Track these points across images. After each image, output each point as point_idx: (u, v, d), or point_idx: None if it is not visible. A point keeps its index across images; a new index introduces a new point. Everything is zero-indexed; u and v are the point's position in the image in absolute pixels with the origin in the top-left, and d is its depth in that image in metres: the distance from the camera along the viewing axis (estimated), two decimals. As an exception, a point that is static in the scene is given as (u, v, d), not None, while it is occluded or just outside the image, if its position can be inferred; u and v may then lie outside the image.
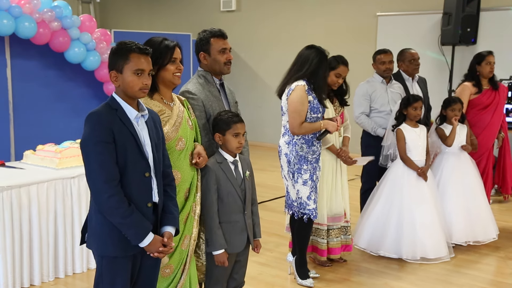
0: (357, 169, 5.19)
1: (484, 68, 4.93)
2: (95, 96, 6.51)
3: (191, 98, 3.04)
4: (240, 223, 2.97)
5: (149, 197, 2.41)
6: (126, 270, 2.40)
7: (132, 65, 2.33)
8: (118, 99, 2.37)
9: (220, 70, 3.17)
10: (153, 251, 2.37)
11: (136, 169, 2.34)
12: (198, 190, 2.91)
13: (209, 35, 3.15)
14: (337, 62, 4.03)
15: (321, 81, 3.69)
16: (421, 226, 4.32)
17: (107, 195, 2.25)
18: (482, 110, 4.96)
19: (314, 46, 3.75)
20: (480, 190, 4.78)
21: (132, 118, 2.36)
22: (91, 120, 2.29)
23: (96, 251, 2.39)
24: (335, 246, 4.18)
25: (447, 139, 4.65)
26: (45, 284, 3.86)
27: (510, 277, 4.15)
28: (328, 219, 4.11)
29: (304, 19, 9.49)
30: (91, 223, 2.39)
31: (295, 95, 3.65)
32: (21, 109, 6.04)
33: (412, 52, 5.04)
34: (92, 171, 2.27)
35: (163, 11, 11.41)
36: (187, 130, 2.81)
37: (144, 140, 2.39)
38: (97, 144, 2.25)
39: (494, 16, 7.58)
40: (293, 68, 3.76)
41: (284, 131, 3.80)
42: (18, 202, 3.66)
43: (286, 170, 3.79)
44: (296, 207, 3.79)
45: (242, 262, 3.10)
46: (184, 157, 2.78)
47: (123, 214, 2.27)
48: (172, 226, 2.50)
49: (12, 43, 5.86)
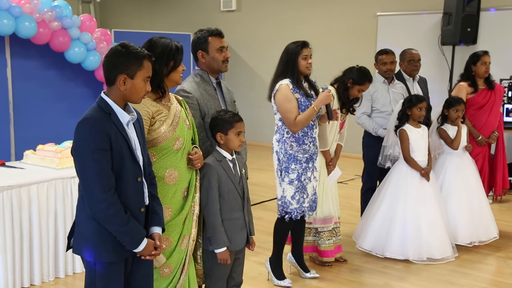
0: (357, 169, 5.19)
1: (480, 68, 4.94)
2: (95, 96, 6.45)
3: (186, 97, 3.05)
4: (240, 220, 2.99)
5: (141, 201, 2.40)
6: (120, 274, 2.38)
7: (144, 72, 2.31)
8: (111, 102, 2.29)
9: (218, 68, 3.20)
10: (146, 254, 2.37)
11: (129, 175, 2.31)
12: (197, 190, 2.91)
13: (206, 34, 3.17)
14: (365, 79, 4.03)
15: (298, 73, 3.69)
16: (426, 226, 4.31)
17: (106, 204, 2.22)
18: (478, 110, 4.98)
19: (294, 42, 3.75)
20: (481, 189, 4.80)
21: (125, 122, 2.31)
22: (87, 126, 2.21)
23: (89, 257, 2.34)
24: (328, 248, 4.17)
25: (453, 142, 4.65)
26: (45, 284, 3.86)
27: (510, 277, 4.15)
28: (319, 221, 4.10)
29: (304, 19, 9.49)
30: (81, 228, 2.34)
31: (280, 94, 3.66)
32: (21, 109, 6.04)
33: (412, 53, 5.04)
34: (89, 179, 2.21)
35: (163, 11, 11.41)
36: (184, 130, 2.82)
37: (135, 145, 2.36)
38: (95, 152, 2.19)
39: (494, 16, 7.59)
40: (277, 68, 3.79)
41: (276, 129, 3.80)
42: (18, 202, 3.66)
43: (275, 168, 3.79)
44: (280, 206, 3.78)
45: (240, 259, 3.11)
46: (181, 157, 2.78)
47: (121, 222, 2.26)
48: (159, 226, 2.50)
49: (12, 43, 5.86)
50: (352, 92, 4.05)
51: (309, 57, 3.75)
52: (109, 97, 2.31)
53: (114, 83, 2.29)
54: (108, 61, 2.31)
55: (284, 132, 3.72)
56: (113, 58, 2.29)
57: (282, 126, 3.73)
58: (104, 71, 2.33)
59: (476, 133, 4.95)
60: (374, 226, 4.45)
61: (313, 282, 3.98)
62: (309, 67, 3.75)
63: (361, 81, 4.02)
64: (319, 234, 4.15)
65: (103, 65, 2.33)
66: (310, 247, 4.20)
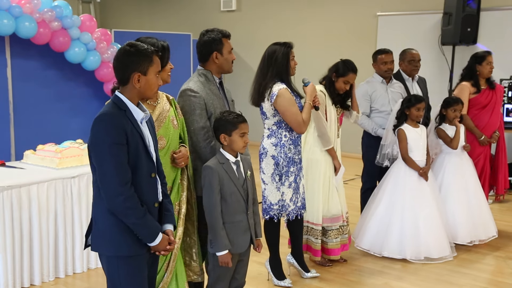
0: (357, 169, 5.20)
1: (485, 68, 4.94)
2: (95, 96, 6.51)
3: (193, 96, 3.05)
4: (244, 223, 2.97)
5: (155, 197, 2.45)
6: (143, 267, 2.42)
7: (156, 67, 2.38)
8: (125, 100, 2.35)
9: (228, 69, 3.25)
10: (160, 249, 2.41)
11: (144, 170, 2.36)
12: (184, 189, 2.92)
13: (220, 35, 3.17)
14: (347, 70, 4.01)
15: (288, 74, 3.68)
16: (424, 226, 4.32)
17: (123, 197, 2.26)
18: (481, 110, 4.98)
19: (277, 43, 3.77)
20: (479, 188, 4.80)
21: (139, 119, 2.37)
22: (104, 121, 2.28)
23: (109, 252, 2.37)
24: (335, 247, 4.17)
25: (452, 141, 4.65)
26: (45, 284, 3.86)
27: (510, 277, 4.15)
28: (327, 220, 4.11)
29: (304, 19, 9.49)
30: (98, 225, 2.38)
31: (283, 99, 3.59)
32: (21, 109, 6.04)
33: (412, 53, 5.04)
34: (107, 174, 2.26)
35: (163, 11, 11.41)
36: (169, 129, 2.84)
37: (149, 141, 2.42)
38: (112, 146, 2.25)
39: (494, 16, 7.58)
40: (261, 70, 3.75)
41: (269, 133, 3.74)
42: (18, 202, 3.66)
43: (270, 173, 3.70)
44: (277, 210, 3.74)
45: (244, 261, 3.10)
46: (164, 156, 2.81)
47: (138, 215, 2.30)
48: (171, 224, 2.54)
49: (12, 43, 5.86)
50: (338, 85, 4.03)
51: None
52: (124, 95, 2.36)
53: (128, 82, 2.35)
54: (119, 62, 2.35)
55: (281, 136, 3.69)
56: (124, 58, 2.34)
57: (278, 130, 3.70)
58: (116, 72, 2.37)
59: (479, 133, 4.95)
60: (372, 225, 4.46)
61: (313, 282, 3.99)
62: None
63: (344, 72, 4.00)
64: (326, 233, 4.14)
65: (114, 67, 2.37)
66: (304, 245, 4.15)
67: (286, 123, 3.67)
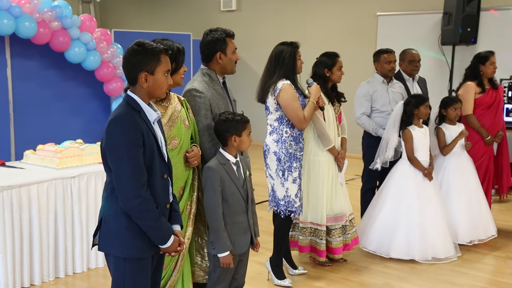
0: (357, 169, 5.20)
1: (488, 68, 4.94)
2: (95, 96, 6.52)
3: (198, 97, 3.02)
4: (244, 223, 2.97)
5: (167, 198, 2.44)
6: (148, 271, 2.41)
7: (163, 66, 2.34)
8: (139, 100, 2.33)
9: (231, 69, 3.22)
10: (171, 251, 2.40)
11: (157, 171, 2.35)
12: (195, 189, 2.91)
13: (224, 35, 3.13)
14: (334, 57, 4.07)
15: (294, 73, 3.73)
16: (431, 226, 4.32)
17: (140, 200, 2.25)
18: (487, 110, 4.96)
19: (284, 43, 3.79)
20: (479, 188, 4.80)
21: (152, 120, 2.35)
22: (121, 123, 2.25)
23: (118, 253, 2.35)
24: (338, 246, 4.18)
25: (444, 148, 4.66)
26: (45, 284, 3.86)
27: (510, 277, 4.15)
28: (330, 219, 4.11)
29: (304, 19, 9.49)
30: (109, 225, 2.35)
31: (285, 94, 3.65)
32: (21, 109, 6.04)
33: (413, 53, 5.04)
34: (124, 176, 2.24)
35: (163, 11, 11.41)
36: (182, 130, 2.83)
37: (162, 142, 2.41)
38: (130, 148, 2.23)
39: (494, 16, 7.59)
40: (268, 69, 3.79)
41: (271, 129, 3.79)
42: (18, 202, 3.66)
43: (274, 168, 3.76)
44: (283, 206, 3.77)
45: (244, 261, 3.10)
46: (177, 156, 2.81)
47: (154, 217, 2.29)
48: (179, 224, 2.54)
49: (12, 43, 5.86)
50: (335, 76, 4.07)
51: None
52: (137, 95, 2.35)
53: (137, 82, 2.33)
54: (127, 62, 2.34)
55: (282, 132, 3.73)
56: (131, 58, 2.32)
57: (279, 126, 3.74)
58: (125, 72, 2.36)
59: (485, 132, 4.93)
60: (377, 227, 4.45)
61: (313, 282, 3.99)
62: (301, 67, 3.86)
63: (334, 61, 4.06)
64: (330, 232, 4.15)
65: (123, 67, 2.36)
66: (308, 247, 4.18)
67: (288, 120, 3.71)
